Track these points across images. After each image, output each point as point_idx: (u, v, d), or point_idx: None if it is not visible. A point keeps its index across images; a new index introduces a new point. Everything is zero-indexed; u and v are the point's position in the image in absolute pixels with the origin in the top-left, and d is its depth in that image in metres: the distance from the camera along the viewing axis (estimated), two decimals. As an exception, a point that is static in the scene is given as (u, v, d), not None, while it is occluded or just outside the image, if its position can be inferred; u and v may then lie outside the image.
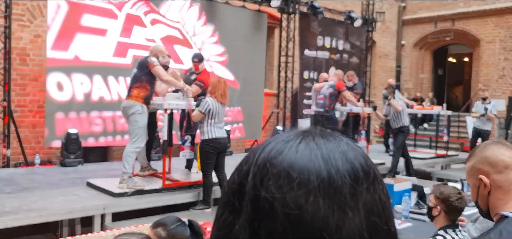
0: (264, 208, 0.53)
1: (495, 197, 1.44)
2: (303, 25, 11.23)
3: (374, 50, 15.75)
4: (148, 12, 8.83)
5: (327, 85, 8.01)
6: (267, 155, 0.56)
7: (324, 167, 0.53)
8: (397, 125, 8.37)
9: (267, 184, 0.53)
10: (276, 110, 11.61)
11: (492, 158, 1.45)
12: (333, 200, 0.52)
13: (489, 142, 1.53)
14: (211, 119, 5.26)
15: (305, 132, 0.59)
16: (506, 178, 1.42)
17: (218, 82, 5.40)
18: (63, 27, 7.53)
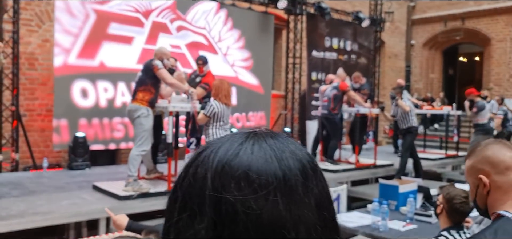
0: (227, 211, 0.54)
1: (493, 197, 1.43)
2: (310, 26, 11.18)
3: (383, 50, 15.65)
4: (174, 19, 9.01)
5: (330, 87, 7.96)
6: (223, 157, 0.57)
7: (279, 167, 0.56)
8: (404, 125, 8.28)
9: (229, 187, 0.54)
10: (284, 111, 11.58)
11: (493, 158, 1.43)
12: (289, 198, 0.54)
13: (490, 141, 1.50)
14: (216, 122, 5.25)
15: (255, 133, 0.60)
16: (506, 179, 1.42)
17: (221, 84, 5.38)
18: (90, 36, 7.74)
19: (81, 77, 7.69)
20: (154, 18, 8.66)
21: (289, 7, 10.73)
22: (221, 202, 0.54)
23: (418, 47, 16.70)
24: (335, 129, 7.81)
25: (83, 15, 7.69)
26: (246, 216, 0.53)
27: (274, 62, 12.39)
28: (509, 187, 1.41)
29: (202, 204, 0.55)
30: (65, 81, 7.52)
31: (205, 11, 9.40)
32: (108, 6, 8.03)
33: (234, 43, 9.87)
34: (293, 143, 0.60)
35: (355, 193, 7.21)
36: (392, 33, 16.08)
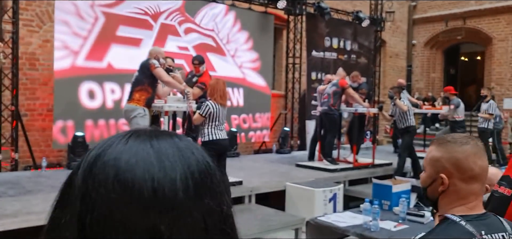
0: (91, 203, 0.52)
1: (447, 199, 1.39)
2: (310, 26, 11.19)
3: (384, 50, 15.63)
4: (183, 22, 9.12)
5: (330, 84, 7.99)
6: (97, 150, 0.56)
7: (156, 165, 0.52)
8: (403, 125, 8.29)
9: (94, 179, 0.53)
10: (284, 111, 11.59)
11: (462, 163, 1.37)
12: (162, 198, 0.51)
13: (467, 141, 1.41)
14: (211, 122, 5.26)
15: (141, 130, 0.58)
16: (467, 188, 1.37)
17: (216, 84, 5.39)
18: (99, 38, 7.85)
19: (88, 79, 7.80)
20: (162, 20, 8.77)
21: (289, 7, 10.74)
22: (87, 194, 0.52)
23: (419, 47, 16.68)
24: (333, 126, 7.84)
25: (93, 18, 7.83)
26: (110, 212, 0.50)
27: (275, 62, 12.42)
28: (466, 195, 1.38)
29: (72, 195, 0.54)
30: (73, 83, 7.61)
31: (214, 13, 9.52)
32: (118, 8, 8.14)
33: (243, 45, 9.97)
34: (184, 142, 0.57)
35: (352, 192, 7.23)
36: (393, 32, 16.06)
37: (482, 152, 1.40)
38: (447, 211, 1.39)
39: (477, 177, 1.37)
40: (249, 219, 5.21)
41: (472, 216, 1.34)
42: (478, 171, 1.37)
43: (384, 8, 13.40)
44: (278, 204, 6.40)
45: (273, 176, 7.16)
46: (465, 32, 15.65)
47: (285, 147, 10.53)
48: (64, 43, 7.56)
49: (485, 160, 1.39)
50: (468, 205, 1.37)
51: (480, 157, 1.38)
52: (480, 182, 1.39)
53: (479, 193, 1.39)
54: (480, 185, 1.39)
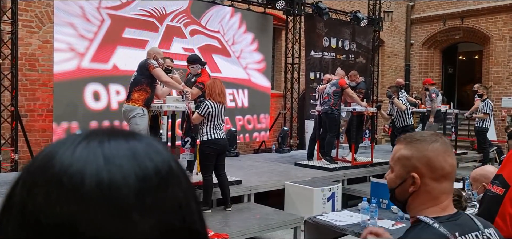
0: (30, 222, 0.46)
1: (419, 200, 1.35)
2: (308, 26, 11.23)
3: (383, 50, 15.67)
4: (189, 24, 9.20)
5: (329, 84, 8.03)
6: (42, 159, 0.50)
7: (103, 168, 0.47)
8: (401, 124, 8.34)
9: (35, 193, 0.47)
10: (283, 111, 11.63)
11: (434, 162, 1.32)
12: (113, 205, 0.46)
13: (436, 139, 1.36)
14: (210, 121, 5.30)
15: (92, 131, 0.52)
16: (438, 187, 1.33)
17: (214, 83, 5.42)
18: (104, 41, 7.93)
19: (94, 81, 7.88)
20: (168, 22, 8.85)
21: (288, 7, 10.78)
22: (26, 212, 0.47)
23: (417, 46, 16.72)
24: (333, 125, 7.87)
25: (99, 21, 7.91)
26: (53, 229, 0.45)
27: (274, 62, 12.46)
28: (438, 195, 1.33)
29: (10, 215, 0.48)
30: (78, 84, 7.67)
31: (220, 15, 9.62)
32: (124, 11, 8.21)
33: (248, 46, 10.05)
34: (144, 143, 0.52)
35: (351, 191, 7.26)
36: (392, 32, 16.11)
37: (451, 149, 1.37)
38: (418, 212, 1.34)
39: (448, 175, 1.33)
40: (248, 218, 5.25)
41: (445, 217, 1.31)
42: (449, 169, 1.33)
43: (382, 8, 13.44)
44: (277, 203, 6.43)
45: (272, 175, 7.19)
46: (463, 31, 15.69)
47: (284, 147, 10.57)
48: (70, 45, 7.63)
49: (454, 158, 1.37)
50: (440, 206, 1.33)
51: (450, 155, 1.34)
52: (450, 180, 1.35)
53: (449, 192, 1.36)
54: (450, 183, 1.35)
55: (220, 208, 5.64)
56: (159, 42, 8.63)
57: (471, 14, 15.23)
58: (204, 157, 5.31)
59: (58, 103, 7.62)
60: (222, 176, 5.51)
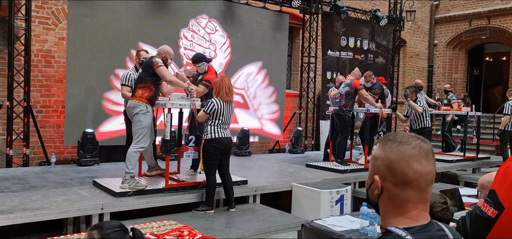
0: None
1: (384, 206, 1.24)
2: (325, 25, 11.02)
3: (404, 50, 15.31)
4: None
5: (343, 84, 7.83)
6: None
7: None
8: (417, 126, 8.06)
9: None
10: (299, 110, 11.45)
11: (394, 164, 1.20)
12: None
13: (406, 140, 1.23)
14: (215, 119, 5.18)
15: None
16: (400, 194, 1.20)
17: (222, 81, 5.30)
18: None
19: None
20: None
21: (305, 6, 10.59)
22: None
23: (442, 47, 16.25)
24: (344, 126, 7.66)
25: None
26: None
27: (291, 61, 12.29)
28: (400, 202, 1.21)
29: None
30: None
31: (248, 73, 9.89)
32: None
33: (266, 99, 10.28)
34: None
35: (362, 194, 7.04)
36: (414, 32, 15.71)
37: (424, 156, 1.20)
38: (386, 221, 1.23)
39: (411, 183, 1.19)
40: (251, 220, 5.11)
41: (416, 228, 1.19)
42: (412, 176, 1.19)
43: (404, 7, 13.10)
44: (288, 205, 6.30)
45: (281, 176, 7.04)
46: (489, 31, 15.17)
47: (298, 147, 10.39)
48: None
49: (427, 165, 1.20)
50: (407, 215, 1.21)
51: (418, 161, 1.19)
52: (416, 189, 1.20)
53: (417, 201, 1.21)
54: (416, 193, 1.20)
55: (223, 209, 5.53)
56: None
57: (498, 13, 14.71)
58: (208, 156, 5.20)
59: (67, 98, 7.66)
60: (226, 176, 5.39)
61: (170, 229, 4.01)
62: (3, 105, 7.56)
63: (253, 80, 10.08)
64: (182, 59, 8.90)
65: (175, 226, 4.12)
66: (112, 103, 7.93)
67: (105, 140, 7.88)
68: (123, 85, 5.89)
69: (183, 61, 8.87)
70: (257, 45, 10.00)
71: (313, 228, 3.79)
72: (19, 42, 7.48)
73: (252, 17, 9.92)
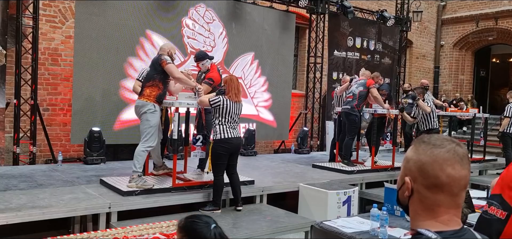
0: None
1: (414, 208, 1.23)
2: (332, 25, 10.99)
3: (411, 51, 15.25)
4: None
5: (356, 84, 7.73)
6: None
7: None
8: (425, 127, 8.02)
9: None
10: (304, 111, 11.42)
11: (427, 168, 1.19)
12: None
13: (440, 143, 1.21)
14: (223, 118, 5.15)
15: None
16: (432, 197, 1.19)
17: (231, 81, 5.27)
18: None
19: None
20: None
21: (311, 5, 10.56)
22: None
23: (448, 48, 16.17)
24: (353, 127, 7.60)
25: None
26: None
27: (297, 61, 12.26)
28: (431, 206, 1.19)
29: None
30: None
31: (244, 63, 9.97)
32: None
33: (260, 88, 10.38)
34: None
35: (369, 195, 7.01)
36: (421, 33, 15.65)
37: (459, 160, 1.19)
38: (416, 223, 1.22)
39: (443, 187, 1.17)
40: (258, 220, 5.09)
41: (448, 233, 1.17)
42: (445, 181, 1.17)
43: (411, 7, 13.04)
44: (294, 205, 6.27)
45: (288, 176, 7.01)
46: (497, 33, 15.09)
47: (304, 147, 10.36)
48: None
49: (461, 170, 1.18)
50: (439, 219, 1.19)
51: (452, 165, 1.17)
52: (448, 193, 1.18)
53: (449, 206, 1.19)
54: (448, 197, 1.19)
55: (230, 209, 5.51)
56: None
57: (506, 14, 14.62)
58: (216, 157, 5.18)
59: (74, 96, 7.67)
60: (233, 176, 5.37)
61: (178, 228, 3.99)
62: (10, 103, 7.56)
63: (249, 69, 10.16)
64: (186, 48, 8.95)
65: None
66: (129, 92, 7.87)
67: (125, 129, 7.98)
68: (137, 80, 5.90)
69: (187, 50, 8.91)
70: (262, 45, 10.00)
71: (323, 229, 3.76)
72: (27, 40, 7.50)
73: (258, 16, 9.91)
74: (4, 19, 7.37)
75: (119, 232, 4.15)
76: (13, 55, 7.49)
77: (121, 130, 8.00)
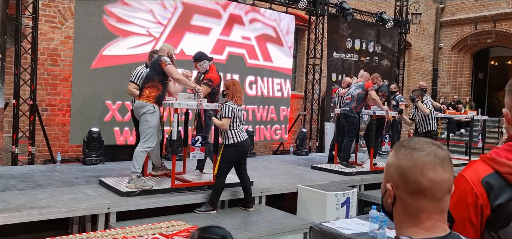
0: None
1: (398, 215, 1.18)
2: (331, 27, 11.00)
3: (410, 53, 15.27)
4: (249, 11, 9.77)
5: (355, 86, 7.75)
6: None
7: None
8: (424, 129, 8.04)
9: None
10: (303, 112, 11.43)
11: (407, 173, 1.14)
12: None
13: (420, 147, 1.17)
14: (233, 123, 5.23)
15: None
16: (415, 204, 1.15)
17: (233, 84, 5.35)
18: (176, 26, 8.46)
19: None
20: (231, 10, 9.37)
21: (311, 7, 10.57)
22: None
23: (447, 50, 16.20)
24: (351, 129, 7.62)
25: (173, 7, 8.45)
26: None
27: (296, 63, 12.27)
28: (414, 212, 1.15)
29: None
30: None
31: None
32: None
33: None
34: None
35: (368, 197, 7.02)
36: (420, 35, 15.68)
37: (439, 163, 1.14)
38: (400, 231, 1.18)
39: (425, 192, 1.13)
40: (257, 221, 5.10)
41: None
42: (427, 185, 1.12)
43: (410, 10, 13.07)
44: (293, 206, 6.28)
45: (286, 177, 7.01)
46: (495, 35, 15.12)
47: (303, 149, 10.37)
48: (148, 30, 8.16)
49: (443, 173, 1.14)
50: (422, 226, 1.14)
51: (433, 168, 1.13)
52: (431, 198, 1.14)
53: (432, 211, 1.15)
54: (431, 202, 1.14)
55: (228, 210, 5.53)
56: (221, 29, 9.19)
57: (504, 17, 14.65)
58: (228, 160, 5.26)
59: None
60: (245, 176, 5.51)
61: (179, 229, 4.00)
62: (9, 103, 7.56)
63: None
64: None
65: (183, 226, 4.10)
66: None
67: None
68: (131, 82, 5.89)
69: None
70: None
71: (322, 230, 3.77)
72: (26, 40, 7.49)
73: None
74: (4, 19, 7.36)
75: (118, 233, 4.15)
76: (12, 55, 7.48)
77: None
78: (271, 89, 10.25)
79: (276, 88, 10.33)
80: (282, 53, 10.36)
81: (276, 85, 10.33)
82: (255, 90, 9.93)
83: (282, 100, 10.45)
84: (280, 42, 10.27)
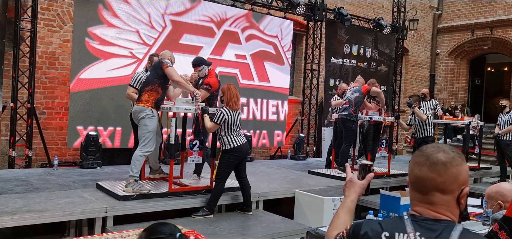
0: None
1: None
2: (329, 33, 11.05)
3: (407, 59, 15.34)
4: (246, 28, 9.44)
5: (351, 91, 7.79)
6: None
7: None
8: (421, 135, 8.07)
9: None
10: (301, 117, 11.45)
11: (409, 168, 1.46)
12: None
13: (429, 150, 1.42)
14: (228, 129, 5.25)
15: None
16: (410, 192, 1.45)
17: (229, 90, 5.36)
18: (162, 47, 7.97)
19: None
20: (226, 27, 9.04)
21: (309, 13, 10.62)
22: None
23: (443, 56, 16.28)
24: (349, 134, 7.64)
25: (161, 27, 8.21)
26: None
27: (294, 68, 12.30)
28: (411, 200, 1.45)
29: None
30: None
31: (281, 21, 9.94)
32: (186, 16, 8.46)
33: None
34: None
35: (364, 202, 7.02)
36: (417, 41, 15.75)
37: (428, 164, 1.37)
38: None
39: (412, 184, 1.42)
40: (254, 225, 5.11)
41: (418, 217, 1.39)
42: (412, 179, 1.42)
43: (407, 16, 13.14)
44: (290, 211, 6.28)
45: (284, 182, 7.03)
46: (492, 42, 15.21)
47: (300, 154, 10.38)
48: (130, 51, 7.91)
49: (428, 173, 1.37)
50: (415, 209, 1.41)
51: (419, 167, 1.39)
52: (418, 191, 1.40)
53: (421, 201, 1.39)
54: (419, 194, 1.40)
55: (226, 214, 5.54)
56: (212, 48, 8.87)
57: (501, 24, 14.74)
58: (227, 165, 5.29)
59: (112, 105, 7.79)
60: (244, 180, 5.54)
61: (175, 233, 3.99)
62: (7, 106, 7.55)
63: (288, 28, 10.31)
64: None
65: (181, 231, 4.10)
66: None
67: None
68: (130, 86, 5.90)
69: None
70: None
71: (319, 235, 3.78)
72: (25, 44, 7.50)
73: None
74: (2, 22, 7.37)
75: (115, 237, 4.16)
76: (11, 58, 7.48)
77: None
78: (265, 112, 9.93)
79: (272, 110, 10.05)
80: (281, 72, 10.14)
81: (271, 107, 10.03)
82: (245, 113, 9.53)
83: (277, 123, 10.14)
84: (280, 60, 10.04)
